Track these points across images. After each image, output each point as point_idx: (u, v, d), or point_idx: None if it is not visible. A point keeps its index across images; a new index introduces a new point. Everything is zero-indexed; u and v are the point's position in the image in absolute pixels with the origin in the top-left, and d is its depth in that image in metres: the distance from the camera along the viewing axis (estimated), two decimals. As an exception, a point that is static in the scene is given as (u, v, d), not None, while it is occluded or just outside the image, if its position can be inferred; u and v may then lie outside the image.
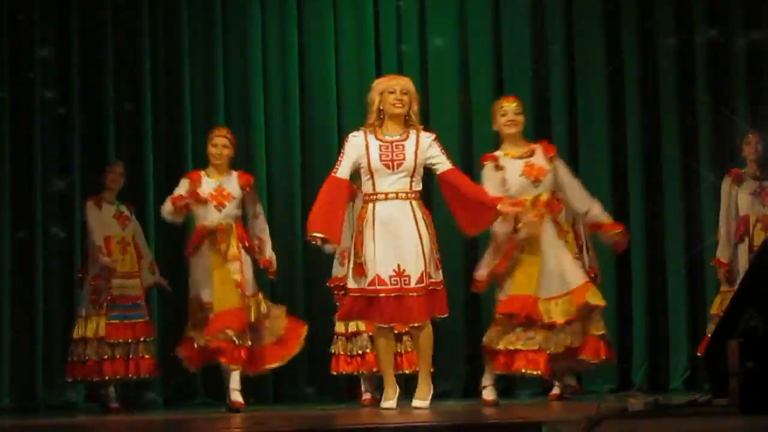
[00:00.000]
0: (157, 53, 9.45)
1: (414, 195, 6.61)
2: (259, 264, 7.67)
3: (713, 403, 4.68)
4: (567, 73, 9.33)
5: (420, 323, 6.56)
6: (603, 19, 9.32)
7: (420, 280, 6.50)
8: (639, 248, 9.05)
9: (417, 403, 6.52)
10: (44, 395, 9.00)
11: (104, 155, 9.16)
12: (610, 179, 9.16)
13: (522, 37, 9.42)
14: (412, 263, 6.50)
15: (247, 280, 7.47)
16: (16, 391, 8.98)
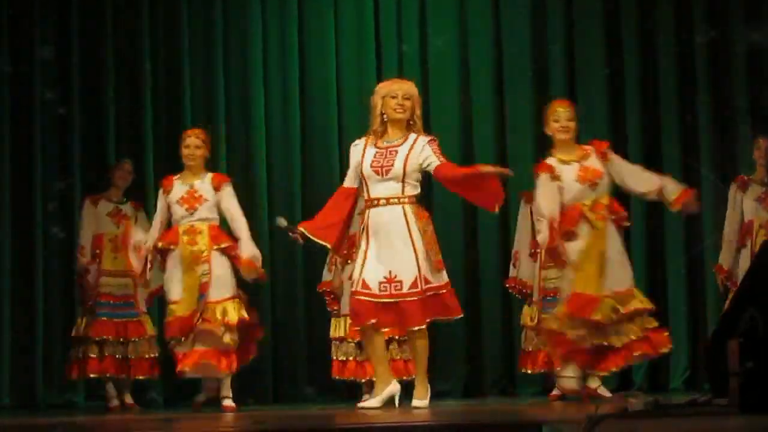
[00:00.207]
0: (157, 53, 9.45)
1: (407, 199, 6.55)
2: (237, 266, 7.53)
3: (713, 403, 4.68)
4: (567, 73, 9.33)
5: (416, 327, 6.51)
6: (603, 19, 9.33)
7: (414, 285, 6.46)
8: (639, 248, 9.04)
9: (416, 403, 6.51)
10: (44, 395, 9.00)
11: (104, 155, 9.16)
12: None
13: (522, 37, 9.42)
14: (405, 269, 6.47)
15: (217, 283, 7.40)
16: (17, 391, 8.99)
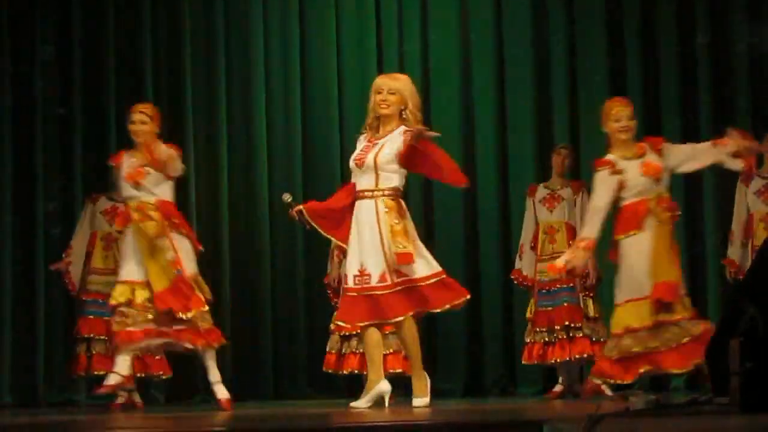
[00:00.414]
0: (158, 52, 9.45)
1: (381, 192, 6.50)
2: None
3: (714, 402, 4.69)
4: (569, 73, 9.32)
5: (394, 319, 6.48)
6: (604, 18, 9.32)
7: (382, 279, 6.42)
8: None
9: (416, 402, 6.48)
10: (45, 393, 9.00)
11: (105, 155, 9.14)
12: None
13: (523, 36, 9.42)
14: (373, 262, 6.44)
15: (182, 259, 7.18)
16: (18, 389, 8.99)
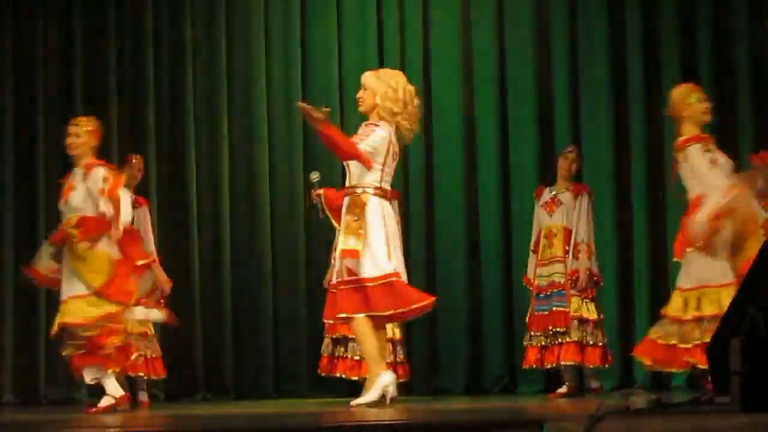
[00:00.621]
0: (160, 51, 9.46)
1: (350, 190, 6.48)
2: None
3: (715, 402, 4.69)
4: (571, 74, 9.33)
5: (338, 317, 6.52)
6: (606, 18, 9.33)
7: (339, 275, 6.45)
8: (641, 247, 9.05)
9: (352, 402, 6.37)
10: (47, 391, 9.01)
11: (107, 153, 9.15)
12: (613, 177, 9.16)
13: (524, 35, 9.43)
14: (338, 259, 6.49)
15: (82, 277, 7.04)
16: (20, 388, 9.00)
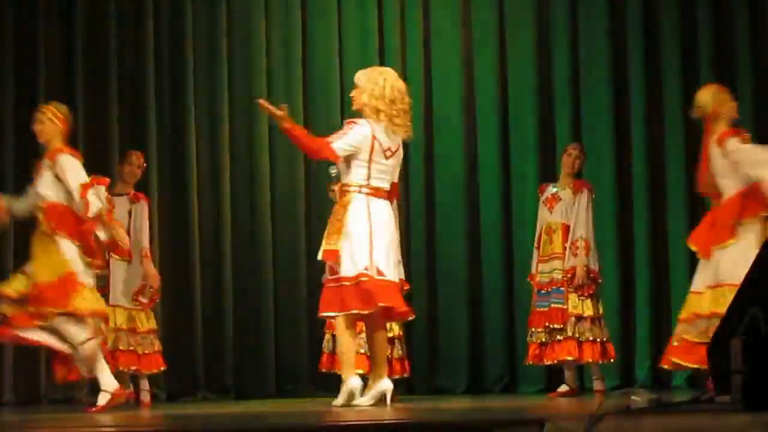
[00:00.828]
0: (161, 50, 9.46)
1: (339, 186, 6.65)
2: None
3: (716, 401, 4.69)
4: (571, 70, 9.33)
5: (320, 315, 6.67)
6: (608, 20, 9.33)
7: (326, 273, 6.60)
8: (642, 246, 9.06)
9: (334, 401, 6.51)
10: (47, 391, 9.01)
11: (107, 150, 9.16)
12: (614, 175, 9.16)
13: (526, 35, 9.43)
14: None
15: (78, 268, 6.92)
16: (19, 387, 9.00)
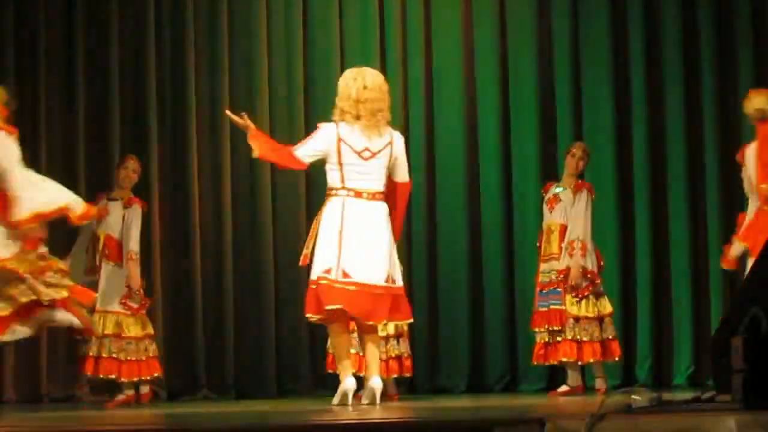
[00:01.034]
0: (162, 49, 9.46)
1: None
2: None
3: (717, 400, 4.69)
4: (572, 69, 9.33)
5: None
6: (608, 21, 9.33)
7: None
8: (644, 245, 9.07)
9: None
10: (48, 389, 9.01)
11: (108, 153, 9.16)
12: (615, 173, 9.17)
13: (527, 35, 9.43)
14: None
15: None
16: (21, 385, 9.00)
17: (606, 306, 8.10)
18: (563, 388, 8.13)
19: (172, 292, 9.17)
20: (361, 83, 6.57)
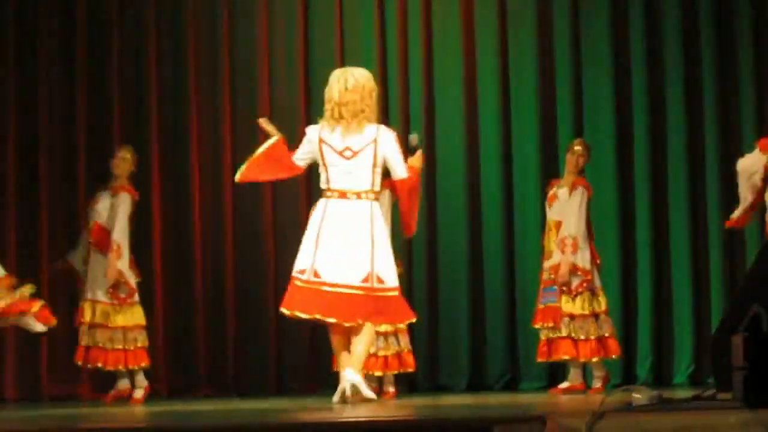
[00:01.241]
0: (161, 53, 9.47)
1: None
2: None
3: (717, 398, 4.69)
4: (573, 69, 9.33)
5: None
6: (609, 21, 9.33)
7: None
8: (644, 243, 9.06)
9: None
10: (49, 387, 9.01)
11: (109, 146, 9.16)
12: (615, 173, 9.17)
13: (527, 35, 9.43)
14: None
15: None
16: (21, 383, 9.00)
17: (602, 303, 8.09)
18: (563, 385, 8.13)
19: (173, 290, 9.17)
20: (343, 85, 6.53)
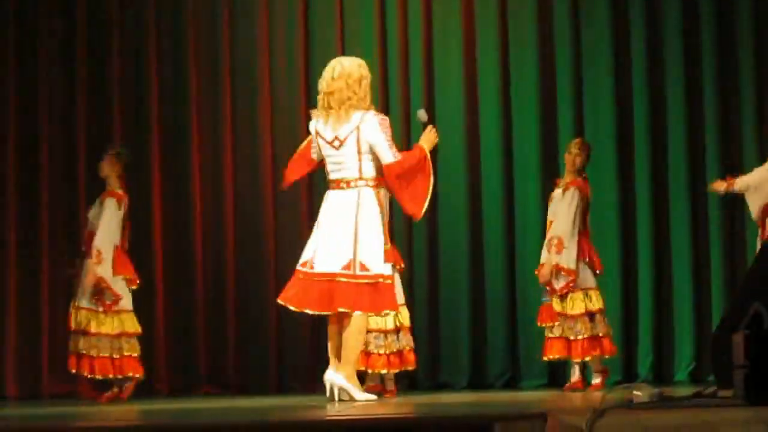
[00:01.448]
0: (162, 53, 9.46)
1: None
2: None
3: (718, 395, 4.69)
4: (573, 69, 9.33)
5: None
6: (610, 21, 9.32)
7: None
8: (645, 240, 9.05)
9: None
10: (49, 385, 9.01)
11: (110, 145, 9.16)
12: (616, 173, 9.16)
13: (528, 35, 9.43)
14: None
15: None
16: (21, 382, 9.00)
17: (596, 302, 8.08)
18: (576, 379, 8.12)
19: (174, 289, 9.17)
20: (330, 74, 6.60)
